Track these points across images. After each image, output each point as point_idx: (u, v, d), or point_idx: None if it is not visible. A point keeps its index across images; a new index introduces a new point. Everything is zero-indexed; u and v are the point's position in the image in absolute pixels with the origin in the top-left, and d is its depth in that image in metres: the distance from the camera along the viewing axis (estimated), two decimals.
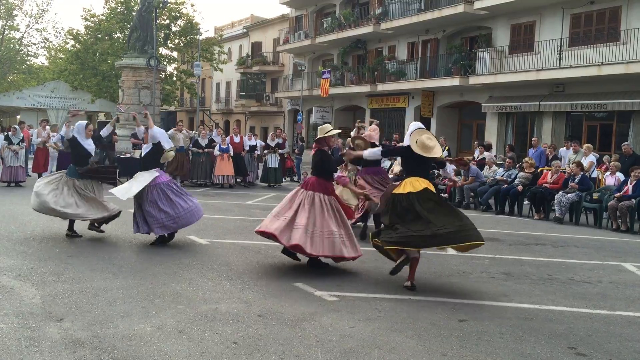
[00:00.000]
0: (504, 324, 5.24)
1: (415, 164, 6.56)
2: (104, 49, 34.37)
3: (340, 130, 7.89)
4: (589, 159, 14.29)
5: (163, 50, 36.32)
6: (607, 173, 13.31)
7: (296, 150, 22.90)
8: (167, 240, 8.44)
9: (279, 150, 18.81)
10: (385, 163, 14.44)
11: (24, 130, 19.33)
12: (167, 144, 8.61)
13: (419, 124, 6.83)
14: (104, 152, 16.87)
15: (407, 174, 6.61)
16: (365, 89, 29.38)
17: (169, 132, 17.85)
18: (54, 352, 4.19)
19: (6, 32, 37.67)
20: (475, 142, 16.97)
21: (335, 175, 7.24)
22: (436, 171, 16.11)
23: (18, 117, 37.35)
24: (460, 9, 23.26)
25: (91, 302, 5.40)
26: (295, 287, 6.25)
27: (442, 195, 15.70)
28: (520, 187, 13.44)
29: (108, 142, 16.82)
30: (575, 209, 12.66)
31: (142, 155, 8.68)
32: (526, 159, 14.59)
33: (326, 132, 7.12)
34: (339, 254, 6.77)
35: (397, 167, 11.34)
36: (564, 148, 16.43)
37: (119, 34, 35.84)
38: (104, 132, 9.52)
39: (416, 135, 6.54)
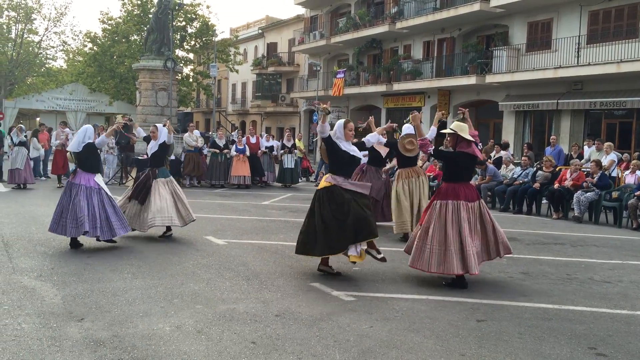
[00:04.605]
0: (523, 324, 5.20)
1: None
2: (121, 51, 34.68)
3: None
4: (610, 158, 14.13)
5: (179, 52, 36.51)
6: (627, 171, 13.14)
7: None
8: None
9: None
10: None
11: (44, 132, 19.58)
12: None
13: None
14: (122, 154, 17.03)
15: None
16: (380, 88, 29.30)
17: (185, 137, 17.88)
18: (75, 352, 4.24)
19: (25, 35, 38.08)
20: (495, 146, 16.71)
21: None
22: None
23: (37, 119, 37.82)
24: (476, 7, 23.10)
25: (111, 302, 5.46)
26: (312, 287, 6.26)
27: None
28: (537, 185, 13.31)
29: (126, 144, 17.03)
30: (595, 208, 12.52)
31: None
32: (546, 157, 14.45)
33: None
34: None
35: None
36: (586, 146, 16.18)
37: (135, 37, 36.08)
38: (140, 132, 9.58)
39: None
